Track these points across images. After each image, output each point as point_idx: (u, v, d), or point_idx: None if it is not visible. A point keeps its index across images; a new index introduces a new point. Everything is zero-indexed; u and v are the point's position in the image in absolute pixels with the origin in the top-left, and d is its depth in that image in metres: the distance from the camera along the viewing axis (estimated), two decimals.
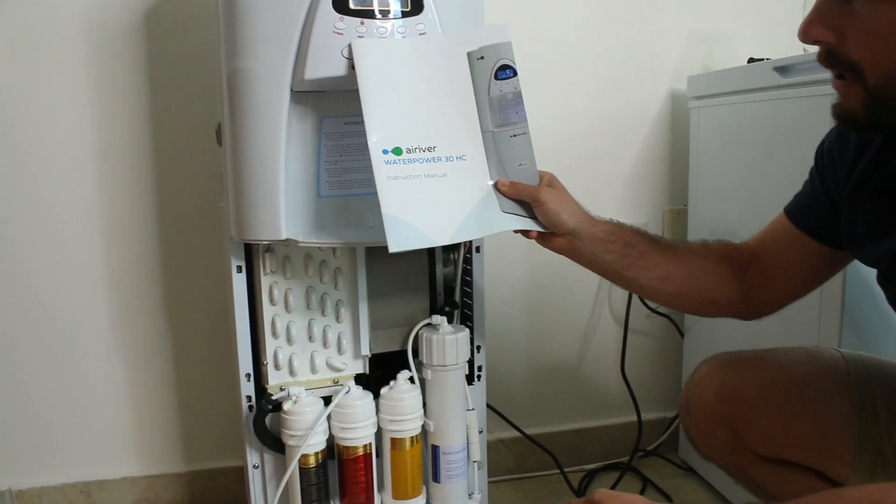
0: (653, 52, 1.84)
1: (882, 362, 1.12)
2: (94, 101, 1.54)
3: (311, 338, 1.30)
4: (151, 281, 1.64)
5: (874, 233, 0.95)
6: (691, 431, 1.19)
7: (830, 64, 0.81)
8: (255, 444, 1.29)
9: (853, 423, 1.04)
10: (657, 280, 1.13)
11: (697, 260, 1.14)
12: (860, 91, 0.78)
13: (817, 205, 1.05)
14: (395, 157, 1.07)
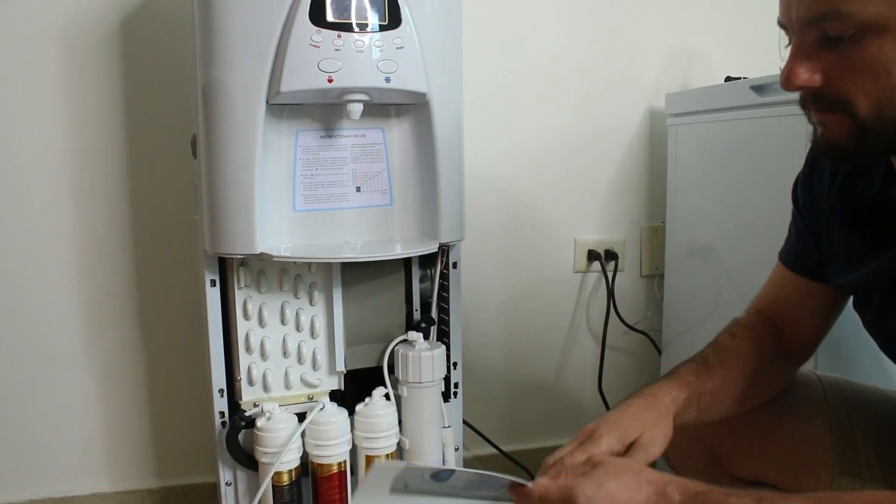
0: (631, 70, 1.84)
1: (857, 385, 1.12)
2: (67, 111, 1.52)
3: (285, 353, 1.28)
4: (124, 294, 1.61)
5: (848, 259, 0.96)
6: (668, 453, 1.18)
7: (817, 103, 0.79)
8: (228, 461, 1.28)
9: (830, 444, 1.04)
10: (732, 405, 1.06)
11: (743, 361, 1.06)
12: (847, 122, 0.77)
13: (806, 246, 1.04)
14: None
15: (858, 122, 0.76)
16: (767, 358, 1.06)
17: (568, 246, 1.85)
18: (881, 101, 0.74)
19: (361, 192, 1.24)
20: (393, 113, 1.25)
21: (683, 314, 1.77)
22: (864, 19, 0.70)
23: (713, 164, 1.63)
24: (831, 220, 0.97)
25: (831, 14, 0.72)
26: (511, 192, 1.79)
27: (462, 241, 1.32)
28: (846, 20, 0.71)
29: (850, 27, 0.71)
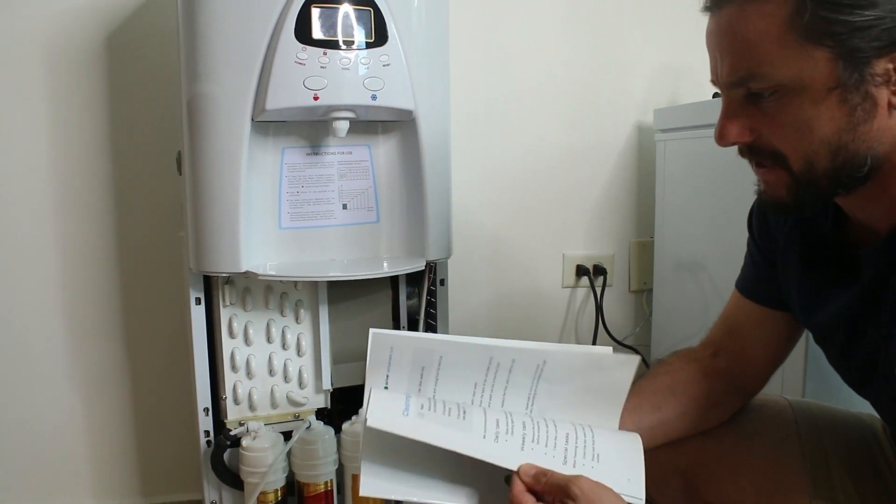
0: (620, 85, 1.85)
1: (828, 409, 1.12)
2: (52, 126, 1.51)
3: (271, 372, 1.27)
4: (109, 311, 1.60)
5: (807, 296, 0.97)
6: (647, 482, 1.18)
7: (754, 154, 0.83)
8: (213, 480, 1.26)
9: (804, 468, 1.04)
10: (661, 434, 1.08)
11: (675, 393, 1.09)
12: (784, 176, 0.80)
13: (761, 273, 1.06)
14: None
15: (793, 177, 0.79)
16: (706, 391, 1.08)
17: (556, 261, 1.85)
18: (808, 156, 0.77)
19: (348, 210, 1.23)
20: (380, 130, 1.25)
21: (672, 329, 1.77)
22: (781, 79, 0.75)
23: (701, 179, 1.63)
24: (787, 253, 0.99)
25: (750, 76, 0.76)
26: (499, 207, 1.79)
27: (450, 258, 1.31)
28: (764, 80, 0.76)
29: (769, 86, 0.76)
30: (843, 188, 0.79)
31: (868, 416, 1.10)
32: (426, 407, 0.83)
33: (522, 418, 0.89)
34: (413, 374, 0.91)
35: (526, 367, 0.94)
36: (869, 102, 0.74)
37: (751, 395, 1.12)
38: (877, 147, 0.76)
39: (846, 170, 0.77)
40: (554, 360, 0.95)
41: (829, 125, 0.75)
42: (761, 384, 1.12)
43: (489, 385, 0.94)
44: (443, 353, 0.92)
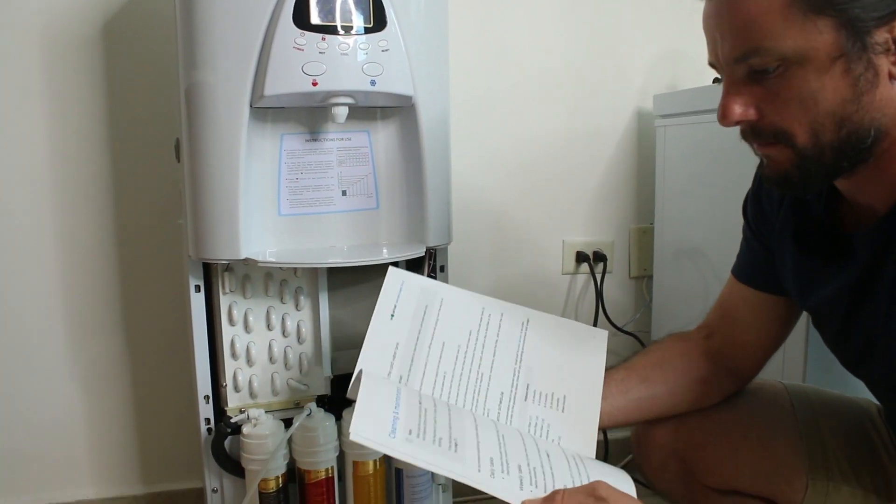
0: (619, 71, 1.84)
1: (823, 393, 1.13)
2: (49, 114, 1.51)
3: (271, 359, 1.27)
4: (108, 299, 1.60)
5: (802, 279, 0.98)
6: (645, 466, 1.19)
7: (756, 136, 0.83)
8: (214, 468, 1.26)
9: (801, 450, 1.05)
10: (648, 407, 1.11)
11: (663, 367, 1.12)
12: (788, 152, 0.80)
13: (758, 258, 1.07)
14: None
15: (798, 151, 0.79)
16: (695, 368, 1.10)
17: (556, 248, 1.85)
18: (814, 128, 0.77)
19: (347, 196, 1.23)
20: (379, 116, 1.24)
21: (672, 315, 1.77)
22: (784, 52, 0.75)
23: (701, 165, 1.62)
24: (783, 237, 0.99)
25: (753, 51, 0.77)
26: (499, 194, 1.78)
27: (449, 245, 1.31)
28: (767, 55, 0.76)
29: (773, 60, 0.76)
30: (848, 162, 0.79)
31: (864, 401, 1.10)
32: (414, 433, 0.83)
33: (516, 447, 0.89)
34: (417, 310, 1.04)
35: (513, 321, 1.08)
36: (871, 72, 0.75)
37: (744, 378, 1.13)
38: (879, 118, 0.77)
39: (851, 142, 0.77)
40: (535, 320, 1.10)
41: (834, 96, 0.75)
42: (756, 368, 1.13)
43: (482, 334, 1.05)
44: (444, 296, 1.08)
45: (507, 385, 1.02)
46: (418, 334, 1.02)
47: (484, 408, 0.99)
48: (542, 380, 1.04)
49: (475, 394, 1.00)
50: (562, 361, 1.07)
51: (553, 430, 1.00)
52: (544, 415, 1.01)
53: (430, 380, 0.99)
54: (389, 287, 1.05)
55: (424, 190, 1.22)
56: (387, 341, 1.01)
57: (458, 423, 0.89)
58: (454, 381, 1.00)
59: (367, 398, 0.86)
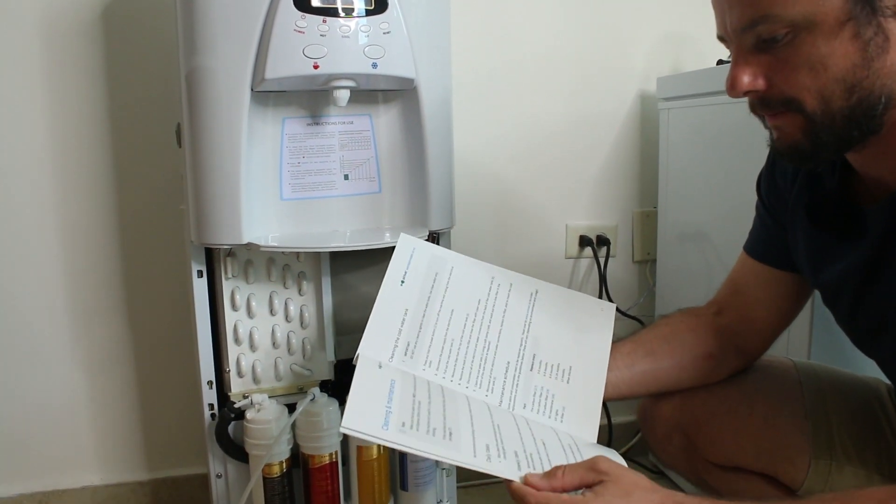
0: (622, 54, 1.83)
1: (833, 371, 1.13)
2: (49, 100, 1.50)
3: (274, 344, 1.27)
4: (111, 285, 1.60)
5: (815, 255, 0.97)
6: (650, 439, 1.20)
7: (765, 107, 0.82)
8: (218, 454, 1.26)
9: (806, 429, 1.05)
10: (653, 380, 1.11)
11: (670, 342, 1.12)
12: (799, 119, 0.80)
13: (771, 234, 1.06)
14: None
15: (808, 118, 0.79)
16: (702, 343, 1.10)
17: (559, 232, 1.84)
18: (824, 95, 0.77)
19: (349, 180, 1.23)
20: (380, 99, 1.23)
21: (676, 299, 1.77)
22: (793, 18, 0.74)
23: (705, 148, 1.62)
24: (796, 212, 0.99)
25: (762, 18, 0.76)
26: (502, 178, 1.78)
27: (452, 229, 1.30)
28: (776, 21, 0.75)
29: (782, 27, 0.75)
30: (858, 131, 0.79)
31: (873, 380, 1.10)
32: (407, 425, 0.82)
33: (512, 434, 0.90)
34: (427, 277, 1.05)
35: (521, 292, 1.09)
36: (881, 37, 0.74)
37: (752, 355, 1.13)
38: (891, 85, 0.76)
39: (861, 108, 0.77)
40: (545, 291, 1.11)
41: (844, 62, 0.75)
42: (764, 346, 1.13)
43: (491, 303, 1.06)
44: (454, 263, 1.08)
45: (514, 354, 1.03)
46: (427, 301, 1.03)
47: (490, 376, 1.00)
48: (549, 350, 1.05)
49: (482, 362, 1.01)
50: (569, 333, 1.07)
51: (557, 400, 1.01)
52: (549, 385, 1.02)
53: (437, 346, 0.99)
54: (400, 253, 1.05)
55: (427, 173, 1.21)
56: (396, 306, 1.01)
57: (452, 412, 0.88)
58: (461, 348, 1.00)
59: (360, 390, 0.86)
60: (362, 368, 0.91)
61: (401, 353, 0.98)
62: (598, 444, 0.98)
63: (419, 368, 0.97)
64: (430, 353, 0.99)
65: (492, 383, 1.00)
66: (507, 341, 1.04)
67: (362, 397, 0.85)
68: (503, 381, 1.00)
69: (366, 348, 0.96)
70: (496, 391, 0.99)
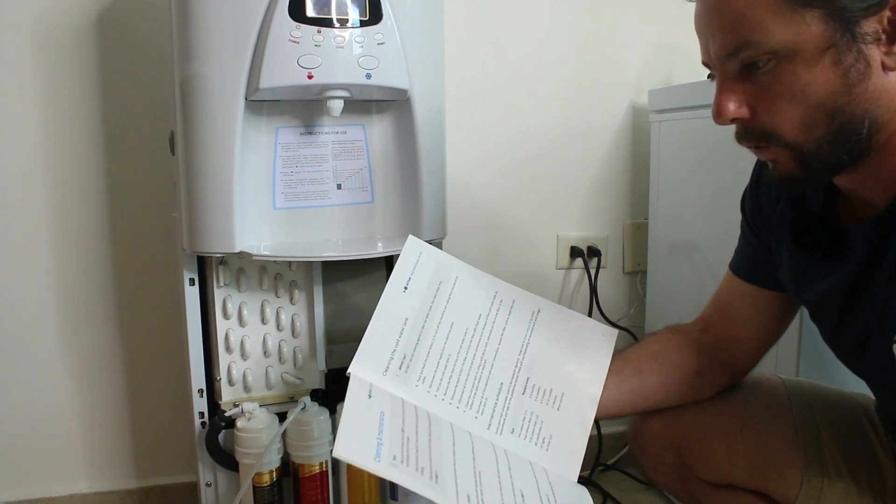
0: (614, 66, 1.84)
1: (821, 388, 1.14)
2: (42, 107, 1.50)
3: (266, 353, 1.27)
4: (102, 292, 1.59)
5: (799, 274, 0.98)
6: (641, 458, 1.20)
7: (748, 138, 0.83)
8: (208, 462, 1.26)
9: (797, 445, 1.06)
10: (641, 398, 1.12)
11: (658, 359, 1.12)
12: (786, 151, 0.81)
13: (756, 253, 1.07)
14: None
15: (793, 148, 0.80)
16: (689, 361, 1.11)
17: (550, 243, 1.85)
18: (805, 123, 0.78)
19: (342, 190, 1.23)
20: (374, 109, 1.24)
21: (666, 311, 1.77)
22: (774, 46, 0.75)
23: (696, 160, 1.62)
24: (780, 233, 0.99)
25: (744, 45, 0.77)
26: (493, 189, 1.78)
27: (444, 239, 1.31)
28: (757, 48, 0.76)
29: (763, 53, 0.76)
30: (847, 154, 0.79)
31: (861, 396, 1.11)
32: (398, 459, 0.83)
33: (492, 485, 0.89)
34: (431, 286, 1.04)
35: (523, 310, 1.08)
36: (862, 63, 0.75)
37: (740, 372, 1.14)
38: (874, 109, 0.77)
39: (844, 133, 0.77)
40: (547, 311, 1.10)
41: (824, 88, 0.76)
42: (751, 363, 1.13)
43: (491, 320, 1.05)
44: (459, 273, 1.08)
45: (508, 376, 1.03)
46: (428, 311, 1.03)
47: (482, 397, 1.00)
48: (543, 375, 1.05)
49: (475, 381, 1.01)
50: (565, 357, 1.07)
51: (546, 427, 1.01)
52: (539, 411, 1.02)
53: (433, 362, 1.00)
54: (406, 258, 1.05)
55: (420, 184, 1.22)
56: (397, 315, 1.01)
57: (437, 451, 0.88)
58: (457, 365, 1.01)
59: (351, 419, 0.86)
60: (353, 395, 0.91)
61: (396, 366, 0.98)
62: (579, 481, 1.00)
63: (412, 384, 0.98)
64: (426, 368, 0.99)
65: (483, 405, 1.00)
66: (503, 361, 1.04)
67: (353, 427, 0.85)
68: (494, 404, 1.01)
69: (359, 363, 0.96)
70: (486, 413, 1.00)
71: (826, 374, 1.20)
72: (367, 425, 0.86)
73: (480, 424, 0.99)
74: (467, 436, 0.96)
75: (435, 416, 0.96)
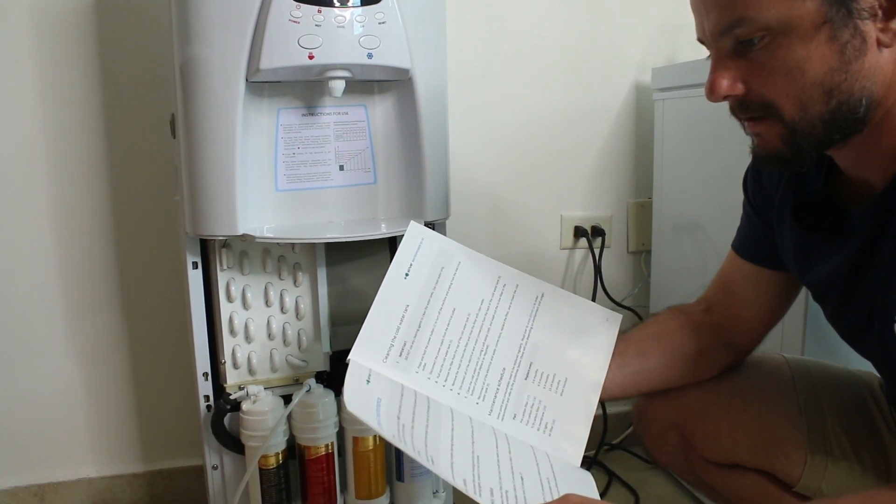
0: (617, 44, 1.82)
1: (826, 366, 1.14)
2: (42, 91, 1.49)
3: (270, 335, 1.27)
4: (105, 277, 1.59)
5: (801, 254, 0.98)
6: (645, 439, 1.20)
7: (744, 110, 0.82)
8: (214, 445, 1.26)
9: (801, 424, 1.05)
10: (645, 380, 1.12)
11: (661, 340, 1.12)
12: (778, 126, 0.80)
13: (758, 233, 1.06)
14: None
15: (788, 125, 0.79)
16: (692, 341, 1.10)
17: (554, 223, 1.84)
18: (802, 101, 0.77)
19: (345, 171, 1.22)
20: (376, 89, 1.23)
21: (670, 290, 1.77)
22: (768, 22, 0.74)
23: (700, 139, 1.62)
24: (782, 212, 0.99)
25: (738, 21, 0.76)
26: (496, 169, 1.78)
27: (448, 220, 1.30)
28: (752, 24, 0.75)
29: (758, 30, 0.75)
30: (840, 133, 0.79)
31: (866, 374, 1.10)
32: (396, 438, 0.82)
33: (490, 469, 0.88)
34: (432, 272, 1.03)
35: (526, 295, 1.07)
36: (858, 39, 0.74)
37: (743, 352, 1.13)
38: (870, 87, 0.76)
39: (841, 112, 0.77)
40: (550, 295, 1.09)
41: (821, 65, 0.75)
42: (754, 342, 1.13)
43: (494, 305, 1.04)
44: (461, 259, 1.07)
45: (510, 361, 1.02)
46: (430, 297, 1.02)
47: (484, 383, 0.99)
48: (546, 360, 1.04)
49: (477, 367, 1.00)
50: (569, 342, 1.06)
51: (548, 413, 1.01)
52: (542, 396, 1.02)
53: (434, 348, 0.99)
54: (408, 243, 1.04)
55: (422, 164, 1.21)
56: (398, 302, 1.00)
57: (434, 439, 0.87)
58: (458, 351, 1.00)
59: (348, 405, 0.86)
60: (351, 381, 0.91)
61: (396, 353, 0.97)
62: (581, 464, 0.99)
63: (413, 371, 0.97)
64: (426, 355, 0.98)
65: (484, 390, 0.99)
66: (506, 346, 1.03)
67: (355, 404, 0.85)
68: (496, 389, 1.00)
69: (359, 351, 0.96)
70: (487, 399, 0.99)
71: (831, 353, 1.19)
72: (362, 412, 0.85)
73: (482, 410, 0.98)
74: (467, 421, 0.95)
75: (435, 403, 0.95)
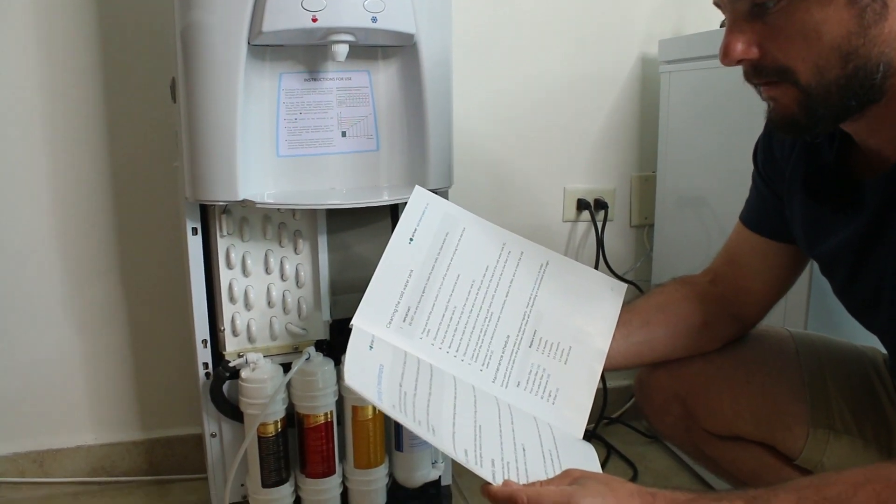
0: (623, 15, 1.80)
1: (830, 341, 1.13)
2: (41, 55, 1.47)
3: (269, 303, 1.26)
4: (104, 243, 1.58)
5: (811, 227, 0.96)
6: (647, 410, 1.19)
7: (759, 75, 0.81)
8: (213, 413, 1.26)
9: (804, 398, 1.05)
10: (648, 350, 1.11)
11: (665, 311, 1.11)
12: (793, 91, 0.78)
13: (767, 205, 1.05)
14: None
15: (803, 90, 0.77)
16: (697, 312, 1.09)
17: (557, 195, 1.83)
18: (819, 65, 0.75)
19: (347, 137, 1.21)
20: (380, 55, 1.21)
21: (673, 264, 1.76)
22: None
23: (706, 112, 1.60)
24: (792, 184, 0.98)
25: None
26: (500, 139, 1.76)
27: (450, 189, 1.29)
28: None
29: None
30: (856, 100, 0.77)
31: (870, 349, 1.10)
32: (397, 408, 0.81)
33: (492, 439, 0.87)
34: (437, 237, 1.02)
35: (531, 262, 1.06)
36: (879, 3, 0.72)
37: (748, 324, 1.13)
38: (889, 53, 0.74)
39: (858, 78, 0.75)
40: (556, 263, 1.08)
41: (839, 29, 0.73)
42: (759, 315, 1.12)
43: (498, 271, 1.04)
44: (466, 224, 1.05)
45: (515, 329, 1.01)
46: (434, 263, 1.01)
47: (488, 350, 0.99)
48: (550, 328, 1.03)
49: (481, 334, 0.99)
50: (573, 311, 1.05)
51: (552, 381, 1.00)
52: (546, 364, 1.01)
53: (438, 314, 0.98)
54: (413, 208, 1.02)
55: (426, 131, 1.20)
56: (402, 267, 0.99)
57: (436, 408, 0.86)
58: (462, 317, 0.99)
59: (351, 371, 0.85)
60: (353, 347, 0.89)
61: (400, 319, 0.97)
62: (585, 433, 0.99)
63: (416, 336, 0.96)
64: (430, 321, 0.98)
65: (488, 358, 0.99)
66: (510, 314, 1.02)
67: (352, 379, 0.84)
68: (500, 356, 0.99)
69: (362, 315, 0.95)
70: (491, 366, 0.99)
71: (835, 328, 1.19)
72: (363, 384, 0.85)
73: (486, 377, 0.98)
74: (470, 389, 0.95)
75: (438, 370, 0.95)
